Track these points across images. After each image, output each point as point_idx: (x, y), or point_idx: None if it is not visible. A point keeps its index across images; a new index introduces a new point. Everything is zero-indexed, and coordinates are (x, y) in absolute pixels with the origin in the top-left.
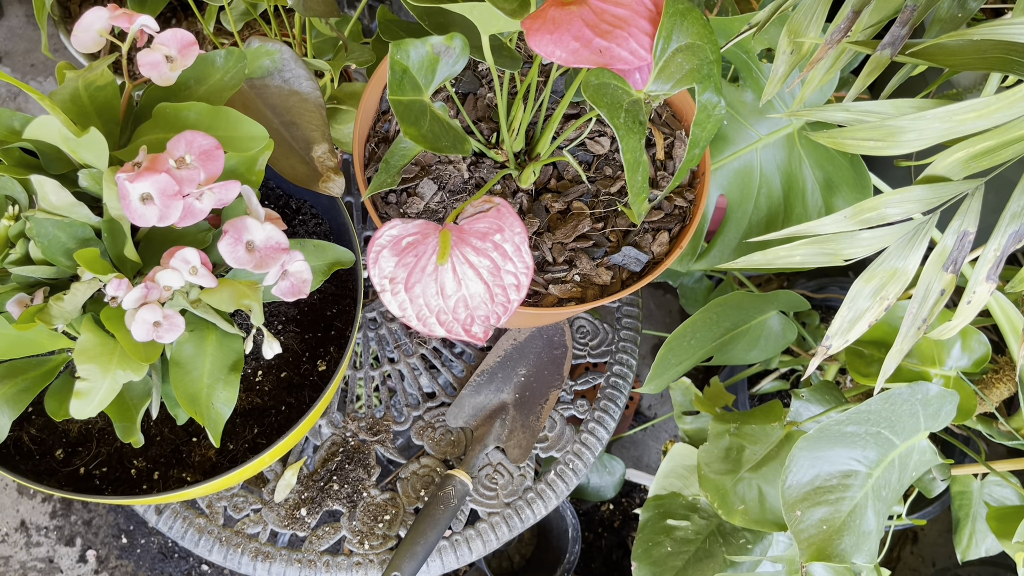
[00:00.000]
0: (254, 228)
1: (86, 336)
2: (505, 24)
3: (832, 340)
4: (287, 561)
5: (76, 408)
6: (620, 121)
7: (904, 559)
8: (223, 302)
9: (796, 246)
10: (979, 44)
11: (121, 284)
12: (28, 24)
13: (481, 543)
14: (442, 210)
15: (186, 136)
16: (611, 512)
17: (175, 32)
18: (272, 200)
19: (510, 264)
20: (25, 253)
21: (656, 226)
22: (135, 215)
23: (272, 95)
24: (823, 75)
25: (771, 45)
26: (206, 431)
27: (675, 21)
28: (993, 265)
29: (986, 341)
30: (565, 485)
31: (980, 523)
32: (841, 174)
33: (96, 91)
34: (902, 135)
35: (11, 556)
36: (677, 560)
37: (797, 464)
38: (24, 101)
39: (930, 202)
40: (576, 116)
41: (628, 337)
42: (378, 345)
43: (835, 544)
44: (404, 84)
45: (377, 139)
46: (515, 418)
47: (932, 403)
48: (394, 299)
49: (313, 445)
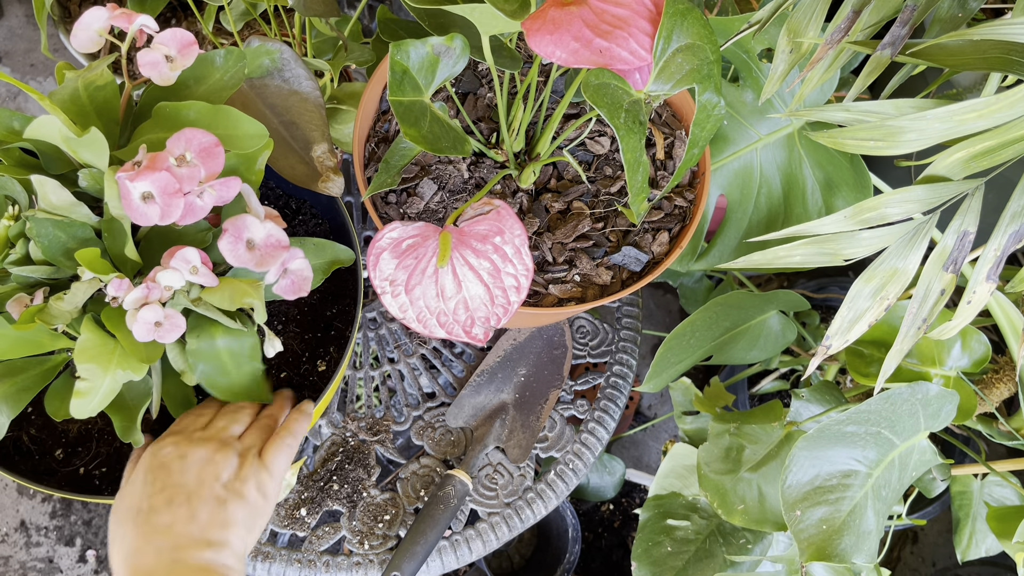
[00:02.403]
0: (254, 226)
1: (86, 336)
2: (505, 25)
3: (832, 340)
4: (287, 561)
5: (76, 407)
6: (620, 121)
7: (904, 559)
8: (224, 301)
9: (796, 246)
10: (979, 44)
11: (122, 284)
12: (28, 24)
13: (481, 543)
14: (442, 210)
15: (186, 134)
16: (611, 512)
17: (174, 32)
18: (272, 200)
19: (510, 266)
20: (25, 253)
21: (656, 226)
22: (136, 214)
23: (272, 95)
24: (823, 75)
25: (771, 45)
26: None
27: (675, 21)
28: (993, 265)
29: (986, 341)
30: (565, 485)
31: (980, 523)
32: (841, 174)
33: (96, 91)
34: (902, 135)
35: (11, 556)
36: (677, 560)
37: (797, 464)
38: (24, 101)
39: (930, 202)
40: (576, 116)
41: (628, 337)
42: (378, 345)
43: (835, 544)
44: (404, 85)
45: (377, 139)
46: (515, 418)
47: (932, 403)
48: (394, 301)
49: (313, 445)
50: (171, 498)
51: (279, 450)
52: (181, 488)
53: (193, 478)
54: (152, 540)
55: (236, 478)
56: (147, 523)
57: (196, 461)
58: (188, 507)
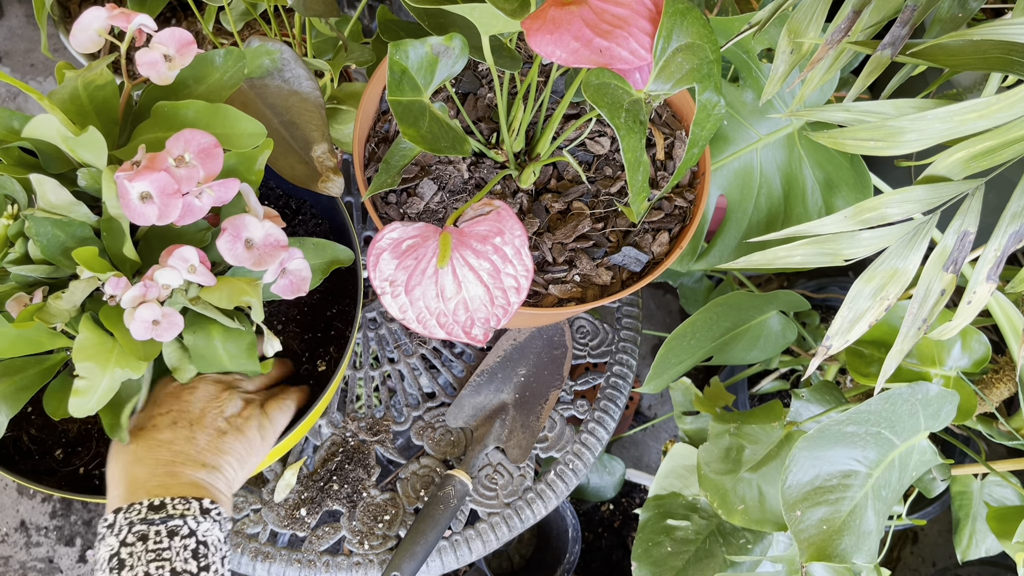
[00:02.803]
0: (253, 225)
1: (85, 334)
2: (505, 24)
3: (832, 340)
4: (287, 561)
5: (75, 406)
6: (620, 121)
7: (904, 559)
8: (222, 300)
9: (796, 246)
10: (979, 44)
11: (120, 283)
12: (28, 24)
13: (481, 543)
14: (442, 210)
15: (185, 134)
16: (611, 512)
17: (173, 31)
18: (271, 200)
19: (510, 267)
20: (24, 252)
21: (656, 226)
22: (135, 214)
23: (272, 95)
24: (823, 75)
25: (771, 45)
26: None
27: (675, 21)
28: (993, 265)
29: (986, 341)
30: (565, 485)
31: (980, 523)
32: (841, 174)
33: (95, 90)
34: (902, 135)
35: (11, 556)
36: (677, 560)
37: (797, 464)
38: (24, 101)
39: (930, 202)
40: (576, 116)
41: (628, 337)
42: (378, 345)
43: (835, 544)
44: (403, 85)
45: (377, 139)
46: (515, 418)
47: (932, 403)
48: (394, 301)
49: (313, 445)
50: (175, 420)
51: (280, 407)
52: (186, 414)
53: (199, 408)
54: (152, 451)
55: (239, 415)
56: (149, 437)
57: (204, 394)
58: (190, 430)
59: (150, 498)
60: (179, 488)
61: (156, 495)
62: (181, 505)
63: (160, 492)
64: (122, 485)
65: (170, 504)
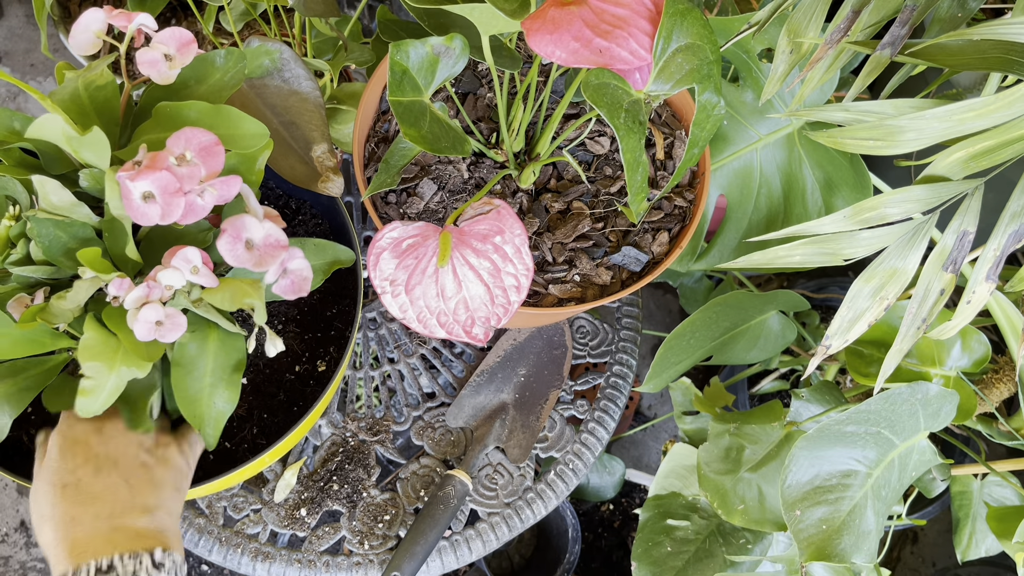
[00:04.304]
0: (253, 226)
1: (89, 334)
2: (505, 25)
3: (832, 340)
4: (287, 561)
5: (82, 405)
6: (620, 121)
7: (904, 559)
8: (225, 301)
9: (796, 246)
10: (979, 44)
11: (123, 284)
12: (28, 24)
13: (481, 543)
14: (442, 210)
15: (186, 133)
16: (611, 512)
17: (173, 31)
18: (272, 200)
19: (510, 266)
20: (26, 253)
21: (656, 226)
22: (137, 214)
23: (272, 95)
24: (823, 75)
25: (771, 45)
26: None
27: (675, 21)
28: (993, 265)
29: (986, 341)
30: (565, 485)
31: (980, 523)
32: (841, 174)
33: (96, 91)
34: (902, 135)
35: (11, 556)
36: (677, 560)
37: (797, 464)
38: (24, 101)
39: (930, 202)
40: (576, 116)
41: (628, 337)
42: (378, 345)
43: (835, 544)
44: (404, 85)
45: (377, 139)
46: (515, 418)
47: (932, 403)
48: (395, 301)
49: (313, 445)
50: (98, 467)
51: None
52: (105, 458)
53: (114, 448)
54: (88, 508)
55: (157, 444)
56: (79, 493)
57: (113, 432)
58: (117, 474)
59: (97, 559)
60: (125, 543)
61: (103, 553)
62: (131, 562)
63: (107, 550)
64: (62, 549)
65: (119, 565)
